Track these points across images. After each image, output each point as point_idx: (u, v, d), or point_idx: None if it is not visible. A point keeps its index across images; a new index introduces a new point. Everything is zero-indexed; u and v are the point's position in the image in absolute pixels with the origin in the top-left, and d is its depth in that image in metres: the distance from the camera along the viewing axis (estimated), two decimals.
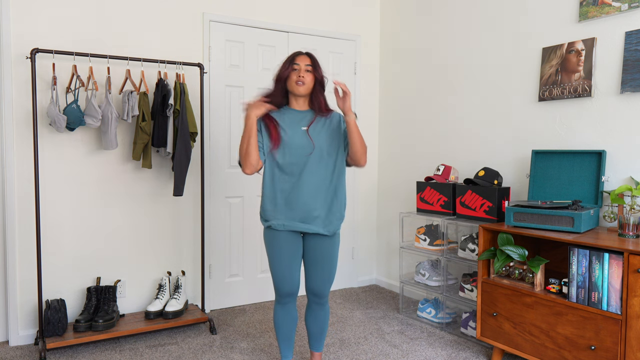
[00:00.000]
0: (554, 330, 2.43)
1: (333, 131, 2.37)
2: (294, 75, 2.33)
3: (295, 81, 2.31)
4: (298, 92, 2.33)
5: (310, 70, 2.34)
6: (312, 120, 2.36)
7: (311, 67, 2.34)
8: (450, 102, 3.66)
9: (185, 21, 3.44)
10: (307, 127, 2.34)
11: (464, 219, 3.18)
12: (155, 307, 3.17)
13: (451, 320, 3.35)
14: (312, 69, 2.34)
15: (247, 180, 3.74)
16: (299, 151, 2.31)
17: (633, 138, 2.63)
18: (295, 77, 2.32)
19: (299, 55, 2.36)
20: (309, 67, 2.33)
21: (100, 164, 3.20)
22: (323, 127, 2.36)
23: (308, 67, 2.33)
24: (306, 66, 2.33)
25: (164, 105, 3.12)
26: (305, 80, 2.32)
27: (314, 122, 2.36)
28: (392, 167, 4.20)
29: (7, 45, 2.90)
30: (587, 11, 2.79)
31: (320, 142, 2.33)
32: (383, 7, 4.27)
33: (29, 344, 3.02)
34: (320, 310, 2.50)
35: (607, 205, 2.71)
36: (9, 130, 2.93)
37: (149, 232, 3.38)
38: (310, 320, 2.52)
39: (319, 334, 2.54)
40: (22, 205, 3.00)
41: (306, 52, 2.38)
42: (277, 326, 2.49)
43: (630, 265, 2.16)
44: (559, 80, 2.94)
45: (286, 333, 2.50)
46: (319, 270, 2.40)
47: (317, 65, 2.36)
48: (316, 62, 2.36)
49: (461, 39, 3.57)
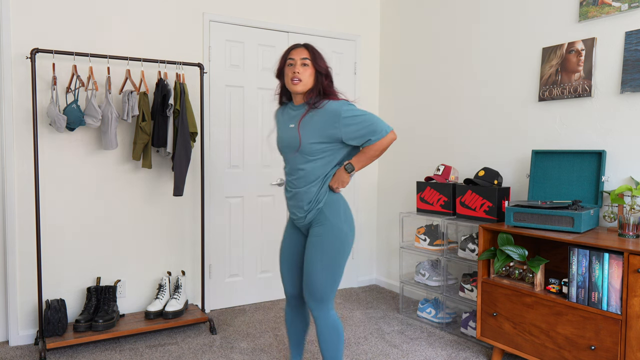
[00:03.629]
0: (554, 330, 2.43)
1: (324, 124, 2.08)
2: (289, 72, 2.12)
3: (291, 78, 2.11)
4: (294, 90, 2.11)
5: (309, 63, 2.11)
6: (303, 115, 2.14)
7: (309, 60, 2.11)
8: (450, 102, 3.66)
9: (185, 21, 3.44)
10: (298, 123, 2.14)
11: (464, 219, 3.18)
12: (155, 307, 3.17)
13: (451, 320, 3.35)
14: (311, 62, 2.11)
15: (247, 180, 3.74)
16: (287, 149, 2.18)
17: (633, 138, 2.63)
18: (290, 73, 2.11)
19: (294, 48, 2.14)
20: (306, 60, 2.10)
21: (100, 164, 3.20)
22: (312, 120, 2.11)
23: (305, 61, 2.10)
24: (302, 60, 2.10)
25: (164, 105, 3.12)
26: (302, 76, 2.09)
27: (305, 117, 2.13)
28: (392, 167, 4.20)
29: (7, 45, 2.90)
30: (587, 11, 2.79)
31: (308, 137, 2.10)
32: (383, 7, 4.27)
33: (29, 344, 3.02)
34: (317, 323, 2.17)
35: (607, 205, 2.71)
36: (9, 130, 2.93)
37: (149, 232, 3.38)
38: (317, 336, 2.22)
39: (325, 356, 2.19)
40: (22, 205, 3.00)
41: (303, 44, 2.15)
42: (286, 327, 2.40)
43: (630, 265, 2.16)
44: (559, 80, 2.94)
45: (293, 336, 2.38)
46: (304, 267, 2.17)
47: (316, 56, 2.12)
48: (315, 53, 2.13)
49: (461, 39, 3.57)
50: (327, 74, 2.14)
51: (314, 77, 2.13)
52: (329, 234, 2.12)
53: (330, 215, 2.13)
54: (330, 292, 2.14)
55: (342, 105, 2.07)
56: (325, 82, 2.14)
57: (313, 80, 2.13)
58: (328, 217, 2.13)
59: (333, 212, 2.14)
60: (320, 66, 2.12)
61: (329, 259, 2.11)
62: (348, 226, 2.14)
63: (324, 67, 2.13)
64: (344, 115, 2.06)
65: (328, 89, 2.14)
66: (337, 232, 2.12)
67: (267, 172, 3.83)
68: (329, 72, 2.15)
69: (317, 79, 2.14)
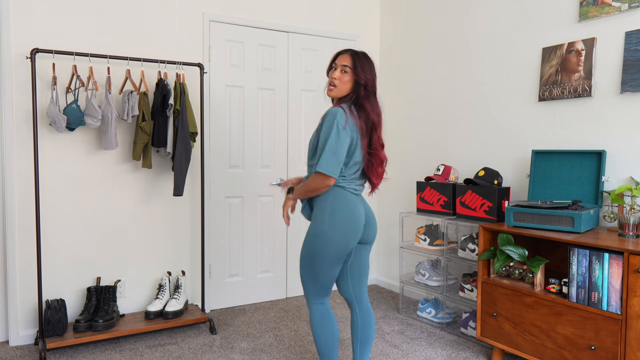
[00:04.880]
0: (554, 330, 2.43)
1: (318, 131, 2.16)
2: (330, 76, 2.16)
3: (329, 82, 2.15)
4: (328, 94, 2.16)
5: (349, 71, 2.11)
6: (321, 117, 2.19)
7: (349, 67, 2.11)
8: (450, 102, 3.66)
9: (185, 21, 3.44)
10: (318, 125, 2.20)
11: (464, 219, 3.18)
12: (155, 307, 3.17)
13: (451, 320, 3.35)
14: (352, 70, 2.10)
15: (247, 180, 3.74)
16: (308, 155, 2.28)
17: (633, 138, 2.63)
18: (329, 77, 2.15)
19: (341, 53, 2.16)
20: (346, 67, 2.11)
21: (100, 164, 3.20)
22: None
23: (345, 68, 2.11)
24: (343, 67, 2.12)
25: (164, 105, 3.12)
26: (338, 82, 2.12)
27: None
28: (392, 167, 4.20)
29: (7, 45, 2.90)
30: (587, 11, 2.79)
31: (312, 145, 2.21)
32: (383, 7, 4.27)
33: (29, 344, 3.02)
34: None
35: (607, 205, 2.71)
36: (9, 130, 2.93)
37: (149, 232, 3.38)
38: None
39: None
40: (22, 205, 3.00)
41: (350, 51, 2.14)
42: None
43: (630, 265, 2.16)
44: (559, 80, 2.94)
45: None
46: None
47: (358, 65, 2.10)
48: (359, 61, 2.11)
49: (461, 38, 3.57)
50: (366, 85, 2.12)
51: (351, 85, 2.13)
52: (309, 232, 2.16)
53: (316, 215, 2.16)
54: (306, 286, 2.21)
55: (333, 113, 2.06)
56: (362, 93, 2.12)
57: (350, 88, 2.13)
58: (315, 217, 2.17)
59: (319, 213, 2.16)
60: (360, 76, 2.10)
61: (304, 254, 2.17)
62: (332, 229, 2.11)
63: (363, 77, 2.10)
64: (324, 121, 2.09)
65: (362, 100, 2.12)
66: (317, 232, 2.12)
67: (267, 172, 3.83)
68: (368, 82, 2.12)
69: (354, 87, 2.13)
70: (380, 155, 2.18)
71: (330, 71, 2.17)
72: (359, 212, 2.15)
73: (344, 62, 2.11)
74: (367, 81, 2.12)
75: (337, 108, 2.07)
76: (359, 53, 2.14)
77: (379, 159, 2.18)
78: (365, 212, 2.24)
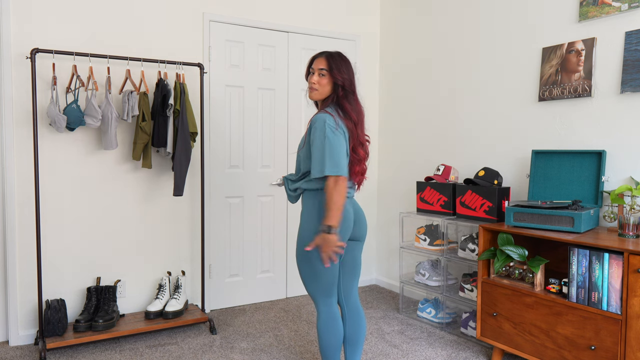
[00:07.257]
0: (554, 330, 2.43)
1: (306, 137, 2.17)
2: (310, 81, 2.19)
3: (308, 87, 2.18)
4: (310, 98, 2.20)
5: (326, 74, 2.14)
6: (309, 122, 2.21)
7: (326, 70, 2.14)
8: (450, 102, 3.66)
9: (185, 21, 3.44)
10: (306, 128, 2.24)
11: (464, 219, 3.18)
12: (155, 307, 3.17)
13: (451, 320, 3.35)
14: (328, 72, 2.14)
15: (247, 180, 3.74)
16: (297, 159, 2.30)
17: (633, 138, 2.63)
18: (309, 82, 2.19)
19: (316, 57, 2.19)
20: (323, 70, 2.14)
21: (100, 164, 3.20)
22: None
23: (322, 71, 2.14)
24: (320, 70, 2.15)
25: (164, 105, 3.12)
26: (318, 86, 2.15)
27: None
28: (392, 167, 4.20)
29: (7, 45, 2.90)
30: (587, 11, 2.79)
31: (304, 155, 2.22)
32: (383, 7, 4.27)
33: (29, 344, 3.02)
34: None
35: (607, 205, 2.71)
36: (9, 130, 2.93)
37: (149, 232, 3.38)
38: None
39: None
40: (22, 205, 3.00)
41: (325, 54, 2.18)
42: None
43: (630, 265, 2.16)
44: (559, 80, 2.94)
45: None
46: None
47: (334, 66, 2.13)
48: (334, 63, 2.14)
49: (461, 38, 3.57)
50: (343, 85, 2.14)
51: (331, 87, 2.16)
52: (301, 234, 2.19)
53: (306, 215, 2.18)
54: (309, 287, 2.21)
55: (322, 119, 2.07)
56: (340, 93, 2.15)
57: (330, 90, 2.17)
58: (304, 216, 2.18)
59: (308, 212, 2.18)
60: (337, 77, 2.13)
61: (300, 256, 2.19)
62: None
63: (340, 78, 2.13)
64: (313, 128, 2.09)
65: (341, 100, 2.15)
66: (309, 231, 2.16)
67: (267, 172, 3.83)
68: (345, 82, 2.14)
69: (334, 88, 2.16)
70: (359, 153, 2.17)
71: (309, 76, 2.20)
72: (347, 209, 2.18)
73: (320, 66, 2.14)
74: (344, 81, 2.14)
75: (324, 113, 2.09)
76: (333, 54, 2.16)
77: (357, 157, 2.17)
78: (354, 209, 2.26)
